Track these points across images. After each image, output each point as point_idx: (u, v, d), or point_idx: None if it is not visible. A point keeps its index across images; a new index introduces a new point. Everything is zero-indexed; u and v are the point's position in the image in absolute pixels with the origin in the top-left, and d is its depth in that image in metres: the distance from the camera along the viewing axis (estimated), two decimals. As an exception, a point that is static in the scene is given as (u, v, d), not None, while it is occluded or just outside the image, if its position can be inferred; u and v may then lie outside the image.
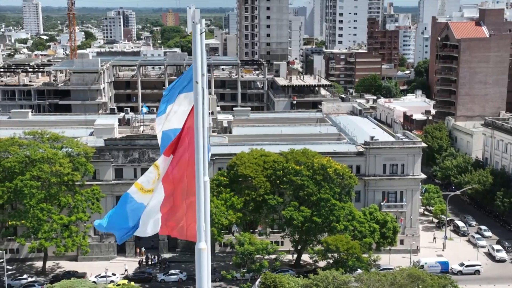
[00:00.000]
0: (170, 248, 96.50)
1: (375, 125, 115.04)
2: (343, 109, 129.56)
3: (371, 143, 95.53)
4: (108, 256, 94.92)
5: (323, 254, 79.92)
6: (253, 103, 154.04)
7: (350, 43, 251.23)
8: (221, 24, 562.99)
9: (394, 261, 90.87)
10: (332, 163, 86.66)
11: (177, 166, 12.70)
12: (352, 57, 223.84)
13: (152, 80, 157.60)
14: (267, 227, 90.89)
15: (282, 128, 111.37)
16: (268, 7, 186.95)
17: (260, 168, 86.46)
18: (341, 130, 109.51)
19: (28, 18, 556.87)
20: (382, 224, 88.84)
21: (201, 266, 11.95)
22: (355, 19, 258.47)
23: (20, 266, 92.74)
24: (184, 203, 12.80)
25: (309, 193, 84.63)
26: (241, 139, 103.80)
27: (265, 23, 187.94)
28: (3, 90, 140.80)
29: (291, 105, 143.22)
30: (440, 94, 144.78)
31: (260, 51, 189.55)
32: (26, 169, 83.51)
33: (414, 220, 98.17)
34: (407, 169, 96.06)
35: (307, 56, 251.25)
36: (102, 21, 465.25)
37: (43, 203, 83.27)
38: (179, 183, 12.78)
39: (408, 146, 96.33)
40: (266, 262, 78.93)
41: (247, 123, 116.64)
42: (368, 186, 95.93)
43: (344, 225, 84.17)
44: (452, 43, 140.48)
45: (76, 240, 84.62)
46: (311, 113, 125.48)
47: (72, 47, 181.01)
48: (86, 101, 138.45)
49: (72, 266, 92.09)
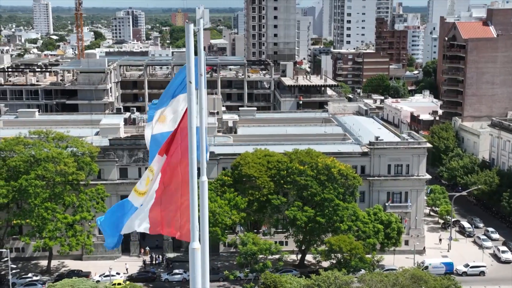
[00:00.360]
0: (175, 248, 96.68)
1: (380, 125, 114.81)
2: (349, 109, 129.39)
3: (375, 144, 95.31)
4: (113, 255, 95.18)
5: (326, 254, 79.81)
6: (259, 103, 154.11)
7: (358, 43, 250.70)
8: (230, 24, 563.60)
9: (399, 262, 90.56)
10: (336, 163, 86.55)
11: (170, 165, 12.69)
12: (360, 57, 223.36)
13: (159, 80, 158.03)
14: (272, 227, 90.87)
15: (288, 128, 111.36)
16: (275, 7, 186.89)
17: (264, 168, 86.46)
18: (346, 130, 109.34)
19: (38, 18, 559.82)
20: (387, 224, 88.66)
21: (194, 266, 11.98)
22: (363, 19, 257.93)
23: (25, 265, 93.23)
24: (178, 203, 12.76)
25: (312, 193, 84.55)
26: (246, 139, 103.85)
27: (273, 23, 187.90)
28: (11, 90, 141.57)
29: (297, 105, 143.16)
30: (447, 94, 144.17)
31: (268, 51, 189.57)
32: (31, 168, 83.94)
33: (419, 220, 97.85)
34: (412, 169, 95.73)
35: (315, 56, 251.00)
36: (111, 21, 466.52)
37: (48, 202, 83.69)
38: (172, 183, 12.75)
39: (413, 146, 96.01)
40: (269, 262, 78.91)
41: (252, 123, 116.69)
42: (372, 186, 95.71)
43: (347, 226, 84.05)
44: (459, 43, 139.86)
45: (80, 239, 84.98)
46: (317, 113, 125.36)
47: (80, 47, 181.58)
48: (93, 101, 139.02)
49: (77, 265, 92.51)
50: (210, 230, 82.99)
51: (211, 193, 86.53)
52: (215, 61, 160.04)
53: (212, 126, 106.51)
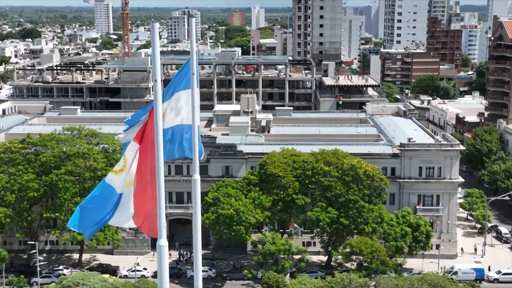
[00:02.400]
0: (204, 245, 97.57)
1: (417, 126, 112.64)
2: (388, 110, 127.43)
3: (406, 145, 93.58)
4: (143, 250, 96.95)
5: (347, 256, 78.95)
6: (300, 102, 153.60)
7: (409, 43, 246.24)
8: (286, 23, 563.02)
9: (428, 267, 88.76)
10: (363, 164, 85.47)
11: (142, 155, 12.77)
12: (409, 57, 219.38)
13: (201, 78, 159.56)
14: (299, 228, 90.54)
15: (321, 128, 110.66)
16: (321, 6, 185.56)
17: (289, 168, 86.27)
18: (381, 131, 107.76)
19: (99, 18, 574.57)
20: (415, 227, 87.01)
21: (162, 263, 12.06)
22: (415, 18, 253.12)
23: (59, 258, 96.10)
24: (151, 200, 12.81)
25: (337, 194, 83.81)
26: (277, 139, 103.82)
27: (318, 23, 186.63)
28: (57, 87, 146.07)
29: (337, 105, 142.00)
30: (492, 95, 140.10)
31: (313, 50, 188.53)
32: (62, 163, 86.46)
33: (451, 224, 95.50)
34: (444, 172, 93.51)
35: (364, 56, 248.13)
36: (167, 21, 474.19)
37: (78, 197, 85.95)
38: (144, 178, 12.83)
39: (445, 148, 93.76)
40: (288, 263, 78.59)
41: (287, 123, 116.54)
42: (403, 189, 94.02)
43: (372, 228, 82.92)
44: (506, 43, 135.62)
45: (108, 234, 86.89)
46: (353, 114, 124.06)
47: (126, 46, 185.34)
48: (135, 99, 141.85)
49: (108, 259, 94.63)
50: (234, 229, 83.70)
51: (236, 191, 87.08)
52: (257, 61, 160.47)
53: (245, 125, 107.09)
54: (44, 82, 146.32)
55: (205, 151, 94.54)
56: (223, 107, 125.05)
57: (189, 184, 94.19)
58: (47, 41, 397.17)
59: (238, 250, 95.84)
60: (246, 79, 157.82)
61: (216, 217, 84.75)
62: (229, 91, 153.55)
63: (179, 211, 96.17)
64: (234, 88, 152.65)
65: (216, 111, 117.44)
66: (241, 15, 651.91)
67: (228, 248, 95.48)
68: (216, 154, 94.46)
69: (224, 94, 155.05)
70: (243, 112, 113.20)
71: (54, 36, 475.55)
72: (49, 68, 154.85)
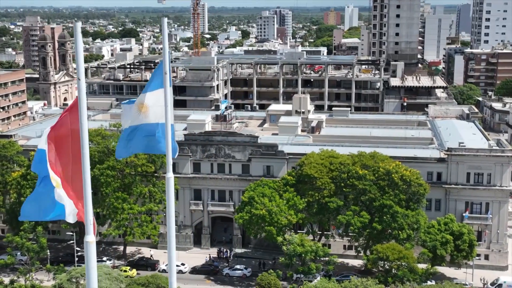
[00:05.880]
0: (244, 244, 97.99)
1: (478, 130, 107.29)
2: (452, 112, 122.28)
3: (454, 150, 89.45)
4: (185, 246, 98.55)
5: (373, 261, 76.55)
6: (367, 103, 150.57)
7: (497, 43, 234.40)
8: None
9: (474, 277, 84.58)
10: (401, 169, 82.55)
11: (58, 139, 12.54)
12: (494, 58, 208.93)
13: (268, 78, 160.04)
14: (337, 230, 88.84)
15: (373, 130, 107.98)
16: (398, 5, 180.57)
17: (325, 169, 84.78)
18: (435, 135, 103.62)
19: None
20: (458, 235, 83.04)
21: (89, 260, 12.12)
22: (504, 16, 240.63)
23: (106, 249, 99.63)
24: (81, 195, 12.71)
25: (371, 198, 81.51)
26: (325, 140, 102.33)
27: (394, 22, 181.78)
28: (127, 85, 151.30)
29: (401, 106, 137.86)
30: None
31: (388, 50, 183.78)
32: (106, 158, 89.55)
33: (501, 234, 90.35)
34: (494, 179, 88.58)
35: (450, 56, 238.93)
36: (257, 20, 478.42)
37: (119, 192, 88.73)
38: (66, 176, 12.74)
39: (495, 154, 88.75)
40: (313, 265, 77.22)
41: (341, 124, 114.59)
42: (449, 195, 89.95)
43: (407, 234, 79.98)
44: None
45: (145, 230, 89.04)
46: (413, 116, 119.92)
47: (194, 45, 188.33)
48: (200, 97, 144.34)
49: (152, 253, 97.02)
50: (266, 229, 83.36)
51: (272, 191, 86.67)
52: (323, 60, 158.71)
53: (294, 125, 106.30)
54: (115, 79, 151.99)
55: (246, 150, 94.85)
56: (278, 106, 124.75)
57: (231, 182, 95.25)
58: (144, 41, 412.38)
59: (277, 250, 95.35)
60: (313, 79, 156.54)
61: (249, 216, 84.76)
62: (295, 91, 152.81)
63: (220, 209, 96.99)
64: (300, 88, 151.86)
65: (270, 110, 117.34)
66: (337, 14, 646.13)
67: (268, 248, 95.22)
68: (257, 154, 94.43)
69: (290, 94, 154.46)
70: (295, 112, 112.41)
71: (151, 36, 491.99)
72: (121, 66, 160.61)
